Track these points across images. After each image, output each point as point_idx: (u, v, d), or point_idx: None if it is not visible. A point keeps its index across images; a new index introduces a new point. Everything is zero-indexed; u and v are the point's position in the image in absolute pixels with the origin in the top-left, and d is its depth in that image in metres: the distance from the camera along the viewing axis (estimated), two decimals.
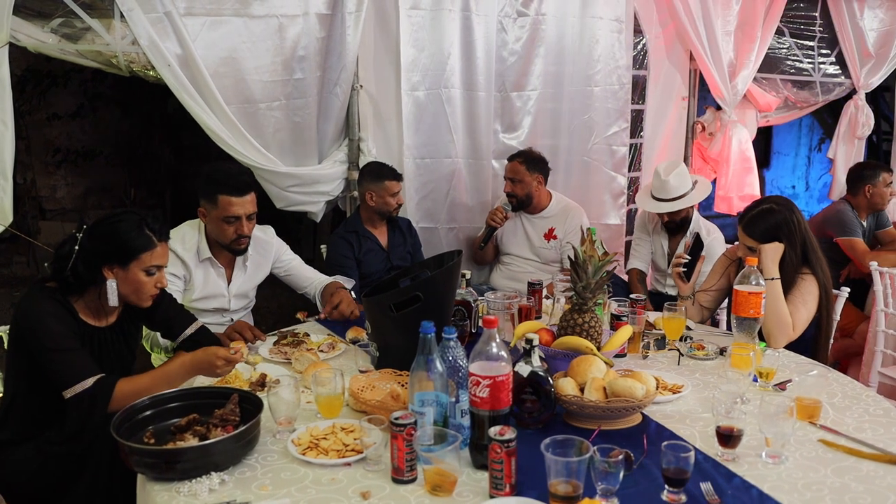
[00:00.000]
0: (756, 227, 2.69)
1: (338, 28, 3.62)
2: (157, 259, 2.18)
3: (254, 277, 3.06)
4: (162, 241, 2.20)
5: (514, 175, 3.84)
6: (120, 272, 2.14)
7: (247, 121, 3.52)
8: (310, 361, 2.33)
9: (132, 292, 2.19)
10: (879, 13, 5.31)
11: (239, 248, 2.87)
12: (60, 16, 3.12)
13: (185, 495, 1.59)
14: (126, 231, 2.13)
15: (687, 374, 2.32)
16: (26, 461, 2.10)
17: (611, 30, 4.32)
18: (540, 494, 1.53)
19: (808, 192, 7.87)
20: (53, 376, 2.05)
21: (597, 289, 2.26)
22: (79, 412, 2.03)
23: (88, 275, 2.13)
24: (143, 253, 2.14)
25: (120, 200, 6.23)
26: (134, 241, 2.13)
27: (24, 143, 5.63)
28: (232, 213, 2.77)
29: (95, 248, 2.13)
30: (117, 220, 2.15)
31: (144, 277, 2.17)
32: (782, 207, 2.71)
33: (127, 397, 2.00)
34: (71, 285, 2.14)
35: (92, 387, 2.03)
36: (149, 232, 2.15)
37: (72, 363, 2.06)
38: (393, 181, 3.56)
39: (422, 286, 2.26)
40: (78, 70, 5.55)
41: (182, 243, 2.83)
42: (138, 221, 2.16)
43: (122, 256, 2.13)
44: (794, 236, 2.66)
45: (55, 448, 2.08)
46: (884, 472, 1.68)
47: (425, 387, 1.72)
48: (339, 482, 1.65)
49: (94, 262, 2.12)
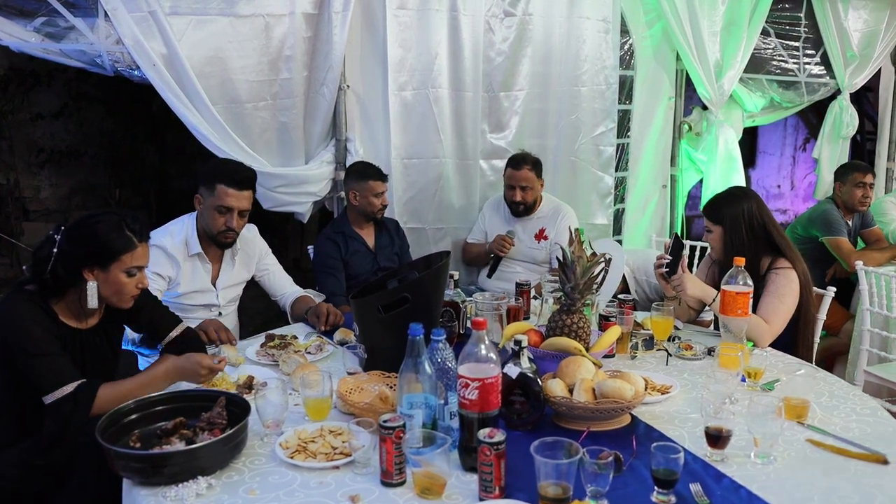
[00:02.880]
0: (709, 208, 2.89)
1: (324, 28, 3.60)
2: (137, 260, 2.15)
3: (241, 273, 3.04)
4: (143, 242, 2.16)
5: (527, 183, 3.82)
6: (100, 274, 2.11)
7: (233, 121, 3.50)
8: (297, 363, 2.31)
9: (113, 293, 2.15)
10: (864, 14, 5.35)
11: (225, 241, 2.87)
12: (43, 15, 3.10)
13: (172, 500, 1.58)
14: (106, 232, 2.10)
15: (675, 374, 2.33)
16: (10, 467, 2.07)
17: (598, 30, 4.33)
18: (529, 496, 1.53)
19: (793, 191, 7.92)
20: (34, 381, 2.03)
21: (585, 289, 2.26)
22: (59, 417, 2.00)
23: (68, 277, 2.10)
24: (123, 254, 2.11)
25: (104, 201, 6.18)
26: (114, 242, 2.10)
27: (8, 143, 5.58)
28: (226, 203, 2.77)
29: (75, 250, 2.09)
30: (96, 222, 2.11)
31: (125, 278, 2.14)
32: (740, 195, 2.89)
33: (109, 402, 1.98)
34: (51, 288, 2.11)
35: (73, 392, 2.00)
36: (129, 233, 2.12)
37: (53, 368, 2.03)
38: (377, 181, 3.55)
39: (410, 287, 2.25)
40: (62, 69, 5.50)
41: (171, 238, 2.81)
42: (118, 222, 2.12)
43: (102, 258, 2.10)
44: (738, 222, 2.77)
45: (37, 460, 2.05)
46: (871, 472, 1.69)
47: (414, 389, 1.71)
48: (328, 485, 1.64)
49: (74, 264, 2.09)
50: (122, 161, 6.20)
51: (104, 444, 1.66)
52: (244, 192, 2.82)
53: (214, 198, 2.78)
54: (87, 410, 2.00)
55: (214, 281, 2.94)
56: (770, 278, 2.71)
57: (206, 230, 2.85)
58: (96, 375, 2.11)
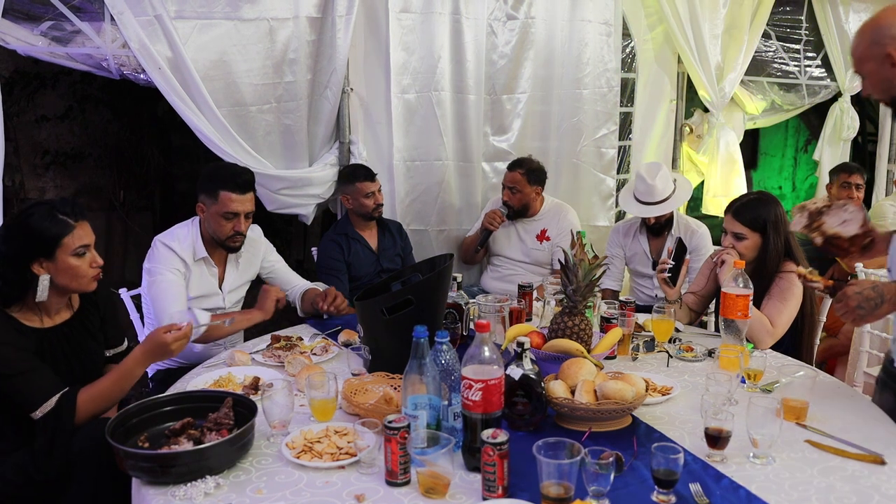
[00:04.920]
0: (746, 214, 2.79)
1: (328, 31, 3.63)
2: (80, 239, 2.14)
3: (245, 274, 3.07)
4: (80, 221, 2.15)
5: (514, 185, 3.85)
6: (49, 264, 2.11)
7: (237, 124, 3.52)
8: (303, 365, 2.34)
9: (71, 279, 2.15)
10: (864, 16, 5.34)
11: (234, 246, 2.89)
12: (50, 18, 3.11)
13: (181, 499, 1.60)
14: (39, 222, 2.09)
15: (676, 375, 2.35)
16: (6, 484, 2.06)
17: (599, 33, 4.36)
18: (532, 496, 1.55)
19: (794, 192, 7.94)
20: (19, 401, 2.03)
21: (587, 292, 2.29)
22: (46, 431, 2.01)
23: (20, 278, 2.10)
24: (63, 238, 2.11)
25: (109, 202, 6.20)
26: (50, 229, 2.09)
27: (13, 145, 5.60)
28: (231, 209, 2.80)
29: (16, 249, 2.09)
30: (28, 216, 2.11)
31: (76, 261, 2.13)
32: (770, 200, 2.85)
33: (89, 404, 2.02)
34: (8, 294, 2.11)
35: (56, 405, 2.02)
36: (62, 216, 2.11)
37: (33, 384, 2.03)
38: (364, 182, 3.58)
39: (414, 290, 2.28)
40: (67, 72, 5.53)
41: (179, 242, 2.83)
42: (48, 210, 2.11)
43: (44, 248, 2.09)
44: (779, 227, 2.77)
45: (33, 475, 2.04)
46: (869, 472, 1.71)
47: (418, 390, 1.74)
48: (334, 485, 1.66)
49: (20, 262, 2.09)
50: (126, 163, 6.21)
51: (114, 444, 1.69)
52: (247, 194, 2.84)
53: (219, 205, 2.80)
54: (71, 420, 2.02)
55: (220, 284, 2.97)
56: (775, 281, 2.73)
57: (214, 237, 2.87)
58: (81, 367, 2.12)
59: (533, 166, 3.87)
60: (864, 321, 2.00)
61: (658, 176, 3.56)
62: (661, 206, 3.59)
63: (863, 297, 1.95)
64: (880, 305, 1.93)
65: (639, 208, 3.65)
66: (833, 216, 2.14)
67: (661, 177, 3.57)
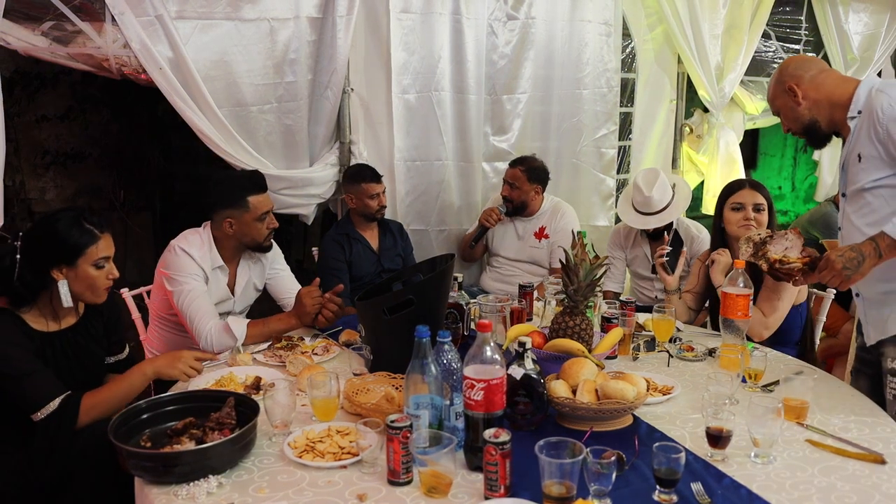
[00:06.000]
0: (761, 189, 2.91)
1: (328, 31, 3.64)
2: (103, 251, 2.16)
3: (254, 277, 3.07)
4: (104, 233, 2.17)
5: (514, 181, 3.87)
6: (69, 271, 2.12)
7: (238, 124, 3.53)
8: (304, 364, 2.34)
9: (86, 289, 2.17)
10: (864, 17, 5.38)
11: (270, 245, 2.96)
12: (51, 19, 3.11)
13: (184, 498, 1.61)
14: (66, 229, 2.11)
15: (677, 375, 2.35)
16: (6, 486, 2.07)
17: (599, 33, 4.36)
18: (534, 495, 1.55)
19: (793, 192, 7.93)
20: (20, 402, 2.04)
21: (588, 292, 2.29)
22: (47, 433, 2.02)
23: (37, 281, 2.11)
24: (88, 247, 2.13)
25: (109, 202, 6.19)
26: (77, 238, 2.11)
27: (13, 145, 5.59)
28: (264, 209, 2.85)
29: (39, 253, 2.10)
30: (55, 221, 2.12)
31: (95, 272, 2.15)
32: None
33: (92, 410, 2.03)
34: (22, 296, 2.11)
35: (58, 407, 2.02)
36: (89, 226, 2.13)
37: (36, 386, 2.04)
38: (370, 183, 3.58)
39: (415, 290, 2.28)
40: (67, 72, 5.52)
41: (197, 250, 2.80)
42: (75, 217, 2.13)
43: (68, 255, 2.11)
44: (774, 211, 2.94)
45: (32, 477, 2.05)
46: (869, 472, 1.72)
47: (420, 390, 1.74)
48: (336, 484, 1.66)
49: (41, 266, 2.10)
50: (126, 163, 6.20)
51: (116, 443, 1.69)
52: (267, 192, 2.92)
53: (251, 211, 2.82)
54: (73, 424, 2.03)
55: (232, 290, 2.96)
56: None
57: (250, 243, 2.89)
58: (83, 373, 2.13)
59: (534, 165, 3.88)
60: (851, 282, 2.10)
61: (655, 186, 3.52)
62: (660, 217, 3.56)
63: (846, 258, 2.07)
64: (863, 262, 2.06)
65: (637, 219, 3.62)
66: (776, 244, 2.31)
67: (659, 186, 3.53)
